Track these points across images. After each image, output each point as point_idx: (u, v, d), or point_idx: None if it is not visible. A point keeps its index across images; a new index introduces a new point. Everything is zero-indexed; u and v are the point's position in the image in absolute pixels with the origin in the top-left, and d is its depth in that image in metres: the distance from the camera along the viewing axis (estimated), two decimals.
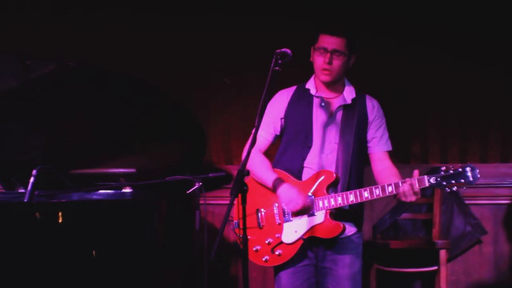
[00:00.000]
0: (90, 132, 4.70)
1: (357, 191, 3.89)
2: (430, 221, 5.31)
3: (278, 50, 3.81)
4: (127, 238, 4.05)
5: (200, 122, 4.76)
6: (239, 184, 3.50)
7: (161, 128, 4.66)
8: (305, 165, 4.05)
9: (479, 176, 3.61)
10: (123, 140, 4.72)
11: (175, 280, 4.52)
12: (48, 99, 4.51)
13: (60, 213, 3.97)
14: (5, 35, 5.84)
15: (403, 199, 3.84)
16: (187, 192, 4.35)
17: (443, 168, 3.69)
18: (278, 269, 4.08)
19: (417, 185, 3.78)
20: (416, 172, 3.81)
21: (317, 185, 3.99)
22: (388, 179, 3.92)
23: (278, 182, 3.98)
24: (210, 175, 4.39)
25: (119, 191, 4.58)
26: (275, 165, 4.16)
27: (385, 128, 4.16)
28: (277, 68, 3.76)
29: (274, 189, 4.03)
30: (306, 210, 3.97)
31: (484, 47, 5.53)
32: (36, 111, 4.56)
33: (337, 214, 4.00)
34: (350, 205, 4.00)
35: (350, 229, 4.03)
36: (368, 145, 4.13)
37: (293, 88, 4.23)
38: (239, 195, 3.52)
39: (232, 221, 4.17)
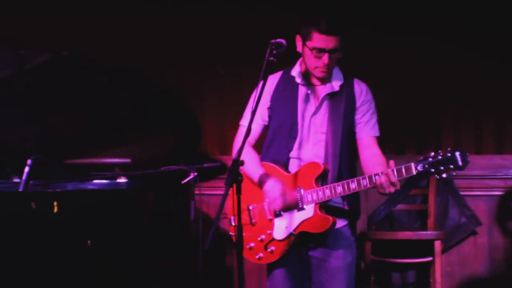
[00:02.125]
0: (85, 122, 4.69)
1: (345, 183, 3.79)
2: (425, 212, 5.33)
3: (273, 40, 3.75)
4: (122, 227, 4.06)
5: (195, 113, 4.76)
6: (234, 174, 3.48)
7: (156, 118, 4.67)
8: (291, 156, 3.97)
9: (469, 160, 3.50)
10: (118, 130, 4.72)
11: (170, 269, 4.53)
12: (42, 88, 4.51)
13: (55, 203, 3.97)
14: None
15: (381, 191, 3.73)
16: (182, 182, 4.36)
17: (432, 154, 3.58)
18: (270, 265, 4.04)
19: (393, 175, 3.68)
20: (391, 162, 3.70)
21: (305, 177, 3.92)
22: (373, 168, 3.83)
23: (264, 178, 3.91)
24: (205, 165, 4.43)
25: (114, 181, 4.60)
26: (262, 157, 4.09)
27: (374, 113, 4.05)
28: (271, 58, 3.72)
29: (260, 185, 3.96)
30: (295, 205, 3.90)
31: (480, 38, 5.56)
32: (30, 101, 4.56)
33: (329, 207, 3.93)
34: (343, 197, 3.94)
35: (342, 221, 3.97)
36: (355, 130, 4.01)
37: (279, 74, 4.12)
38: (234, 185, 3.48)
39: (226, 218, 4.12)
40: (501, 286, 5.42)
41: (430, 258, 5.13)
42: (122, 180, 4.60)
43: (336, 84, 4.00)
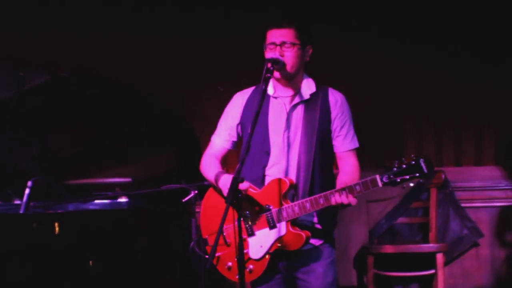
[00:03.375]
0: (86, 142, 4.73)
1: (313, 199, 3.72)
2: (427, 225, 5.34)
3: (269, 56, 3.75)
4: (124, 246, 4.08)
5: (194, 130, 4.78)
6: (234, 192, 3.45)
7: (157, 137, 4.70)
8: (266, 173, 3.88)
9: (435, 167, 3.47)
10: (119, 149, 4.75)
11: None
12: (42, 109, 4.55)
13: (56, 224, 4.00)
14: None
15: (341, 207, 3.71)
16: (183, 200, 4.29)
17: (396, 164, 3.51)
18: (253, 284, 3.98)
19: (343, 194, 3.62)
20: (341, 181, 3.73)
21: (273, 194, 3.84)
22: (346, 179, 3.75)
23: (219, 175, 3.86)
24: (205, 183, 4.34)
25: (115, 200, 4.56)
26: (246, 174, 3.92)
27: (350, 124, 3.95)
28: (268, 75, 3.70)
29: (216, 183, 3.89)
30: (267, 223, 3.83)
31: (474, 43, 5.55)
32: (31, 122, 4.61)
33: (301, 225, 3.87)
34: (316, 213, 3.86)
35: (317, 240, 3.89)
36: (333, 143, 3.92)
37: (250, 89, 4.06)
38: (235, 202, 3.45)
39: (201, 238, 4.07)
40: None
41: (432, 271, 5.14)
42: (123, 199, 4.55)
43: (305, 93, 3.93)
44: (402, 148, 5.64)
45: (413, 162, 3.43)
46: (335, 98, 3.94)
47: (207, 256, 3.83)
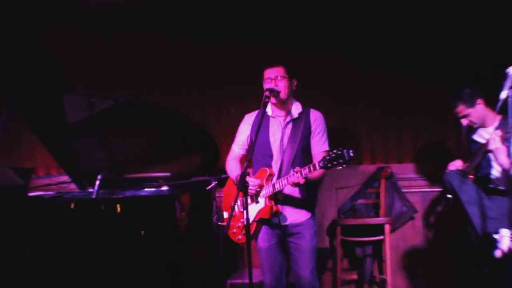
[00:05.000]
0: (138, 148, 4.65)
1: (280, 180, 3.75)
2: (378, 205, 5.34)
3: (267, 87, 3.82)
4: (166, 221, 4.01)
5: (214, 139, 4.69)
6: (243, 182, 3.51)
7: (188, 144, 4.60)
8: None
9: (352, 155, 3.43)
10: (162, 153, 4.65)
11: (200, 250, 4.53)
12: (107, 125, 4.52)
13: (118, 205, 4.01)
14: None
15: (295, 185, 3.70)
16: (207, 188, 4.42)
17: (328, 154, 3.52)
18: (258, 246, 4.01)
19: (295, 175, 3.63)
20: (296, 168, 3.68)
21: (260, 179, 3.88)
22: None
23: (237, 175, 3.81)
24: (223, 176, 4.40)
25: (159, 189, 4.58)
26: (254, 171, 4.02)
27: (324, 133, 3.96)
28: (266, 100, 3.76)
29: (236, 180, 3.93)
30: (254, 199, 3.89)
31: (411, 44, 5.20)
32: (99, 135, 4.58)
33: (287, 201, 3.88)
34: (302, 196, 3.89)
35: (305, 214, 3.92)
36: (311, 146, 3.94)
37: (255, 112, 4.07)
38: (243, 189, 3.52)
39: (221, 212, 4.16)
40: (432, 253, 5.32)
41: (382, 237, 5.09)
42: (165, 188, 4.58)
43: (295, 113, 3.94)
44: (361, 150, 5.48)
45: (339, 152, 3.46)
46: (315, 116, 3.96)
47: (223, 224, 4.04)
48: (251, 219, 3.88)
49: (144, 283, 3.91)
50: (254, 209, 3.90)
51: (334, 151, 3.48)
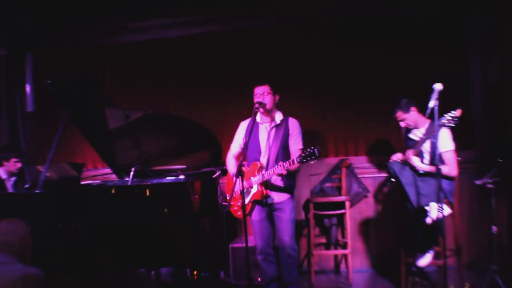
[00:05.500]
0: (161, 147, 4.52)
1: (268, 171, 3.78)
2: (340, 187, 5.34)
3: (257, 100, 3.89)
4: (183, 201, 3.87)
5: (218, 140, 4.52)
6: (239, 170, 3.60)
7: (199, 144, 4.49)
8: (260, 161, 4.00)
9: (321, 152, 3.44)
10: (179, 150, 4.52)
11: (209, 222, 4.54)
12: (139, 130, 4.41)
13: (147, 190, 3.87)
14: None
15: (279, 175, 3.70)
16: (213, 176, 4.38)
17: (303, 151, 3.51)
18: (252, 220, 4.03)
19: (279, 168, 3.62)
20: (280, 162, 3.68)
21: (252, 171, 3.93)
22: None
23: (233, 173, 3.91)
24: (225, 167, 4.43)
25: (177, 177, 4.52)
26: (248, 163, 4.04)
27: (299, 135, 3.95)
28: (256, 110, 3.84)
29: (233, 175, 4.03)
30: (250, 185, 3.92)
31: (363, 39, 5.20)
32: (132, 138, 4.48)
33: (273, 186, 3.88)
34: (283, 182, 3.89)
35: (286, 196, 3.93)
36: (289, 145, 3.96)
37: (248, 119, 4.08)
38: (240, 177, 3.62)
39: (225, 194, 4.15)
40: (380, 222, 5.34)
41: (344, 211, 5.08)
42: (182, 177, 4.51)
43: (278, 120, 3.98)
44: (327, 147, 5.44)
45: (312, 150, 3.47)
46: (292, 122, 4.02)
47: (226, 204, 4.03)
48: (247, 200, 3.94)
49: (167, 246, 3.80)
50: (249, 193, 3.98)
51: (308, 149, 3.48)
